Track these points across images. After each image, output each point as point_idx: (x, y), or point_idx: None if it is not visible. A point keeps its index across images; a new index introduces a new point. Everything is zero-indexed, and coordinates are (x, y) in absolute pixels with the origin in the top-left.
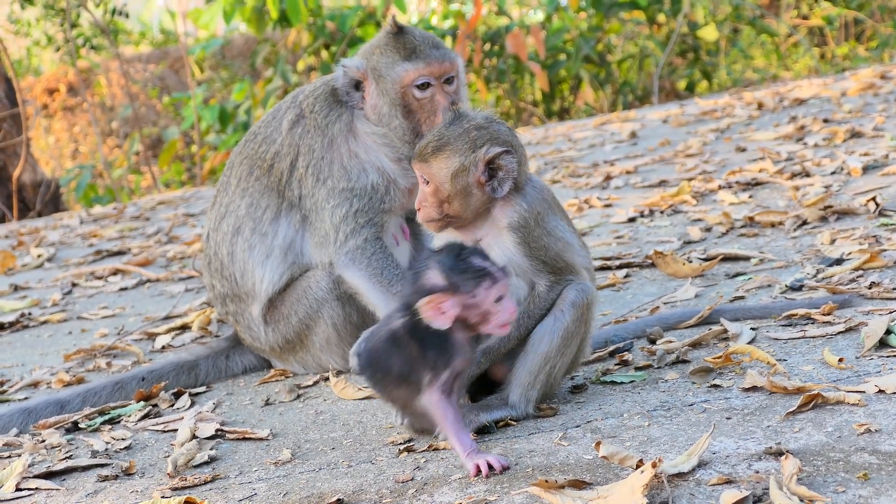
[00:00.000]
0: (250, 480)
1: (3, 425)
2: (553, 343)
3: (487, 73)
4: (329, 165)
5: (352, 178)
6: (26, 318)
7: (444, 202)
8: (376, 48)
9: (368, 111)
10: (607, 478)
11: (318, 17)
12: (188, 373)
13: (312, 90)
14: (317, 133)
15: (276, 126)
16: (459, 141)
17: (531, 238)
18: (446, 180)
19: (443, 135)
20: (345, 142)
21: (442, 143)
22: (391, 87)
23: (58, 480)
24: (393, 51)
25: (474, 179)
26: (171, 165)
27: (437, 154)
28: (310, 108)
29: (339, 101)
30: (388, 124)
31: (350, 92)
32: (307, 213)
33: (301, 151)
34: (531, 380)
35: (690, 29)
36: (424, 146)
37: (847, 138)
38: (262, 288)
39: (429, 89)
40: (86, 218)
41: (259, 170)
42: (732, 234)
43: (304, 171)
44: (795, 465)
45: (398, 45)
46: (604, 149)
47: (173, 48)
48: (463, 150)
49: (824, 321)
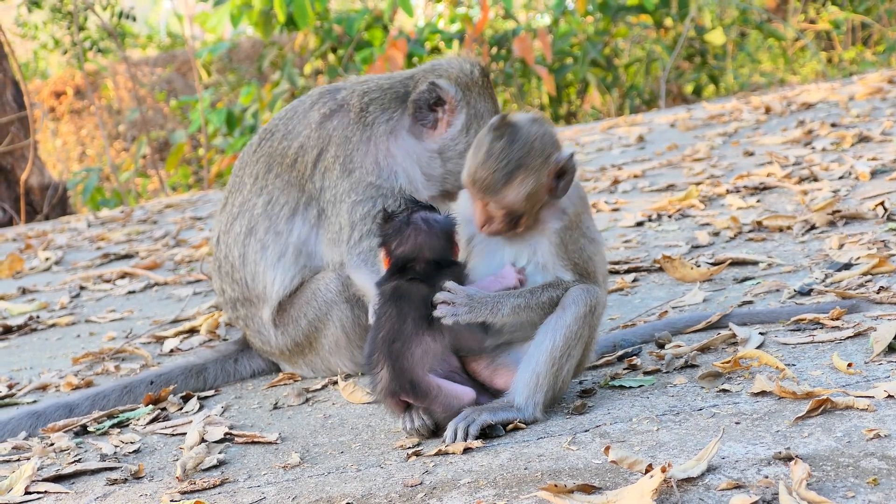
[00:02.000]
0: (259, 484)
1: (12, 429)
2: (556, 342)
3: (494, 77)
4: (363, 157)
5: (382, 176)
6: (34, 322)
7: (515, 218)
8: (483, 110)
9: (437, 134)
10: (616, 482)
11: (325, 20)
12: (197, 376)
13: (364, 90)
14: (358, 126)
15: (301, 120)
16: (529, 159)
17: (570, 240)
18: (521, 202)
19: (509, 157)
20: (386, 140)
21: (511, 167)
22: (454, 151)
23: (67, 484)
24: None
25: (545, 189)
26: (178, 169)
27: (509, 182)
28: (357, 103)
29: (399, 107)
30: (450, 159)
31: (428, 104)
32: (325, 207)
33: (333, 142)
34: (537, 381)
35: (698, 33)
36: (489, 176)
37: (855, 143)
38: (274, 291)
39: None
40: (93, 221)
41: (279, 166)
42: (740, 239)
43: (332, 162)
44: (805, 470)
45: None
46: (611, 153)
47: (180, 51)
48: (536, 167)
49: (833, 326)
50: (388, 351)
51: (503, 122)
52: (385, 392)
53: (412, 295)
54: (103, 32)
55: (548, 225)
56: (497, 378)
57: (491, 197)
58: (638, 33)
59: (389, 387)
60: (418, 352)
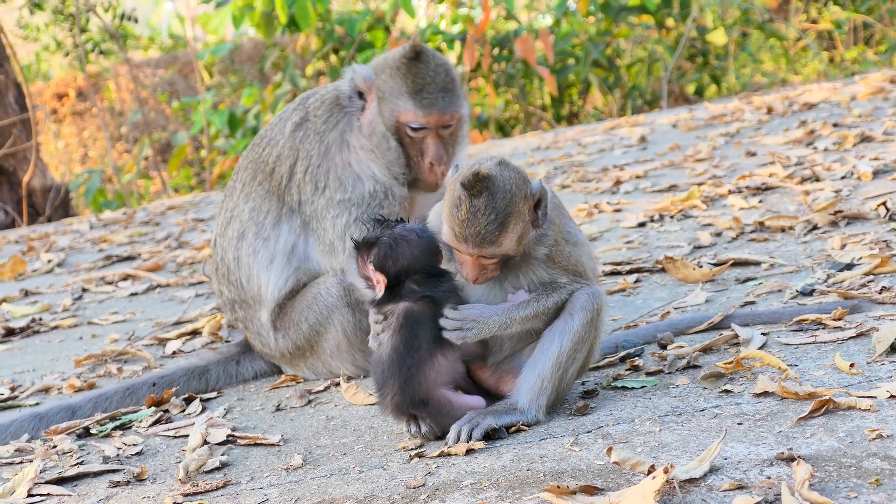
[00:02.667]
0: (262, 486)
1: (15, 431)
2: (564, 347)
3: (496, 78)
4: (325, 174)
5: (347, 189)
6: (37, 324)
7: (506, 261)
8: (388, 67)
9: (364, 124)
10: (619, 483)
11: (326, 21)
12: (199, 378)
13: (321, 94)
14: (315, 138)
15: (280, 129)
16: (513, 205)
17: (558, 254)
18: (513, 246)
19: (496, 209)
20: (338, 151)
21: (501, 218)
22: (388, 115)
23: (69, 486)
24: (402, 78)
25: (529, 225)
26: (180, 170)
27: (502, 232)
28: (314, 111)
29: (340, 107)
30: (379, 145)
31: (353, 98)
32: (307, 220)
33: (300, 156)
34: (541, 384)
35: (699, 33)
36: (482, 231)
37: (857, 142)
38: (269, 292)
39: (423, 131)
40: (95, 223)
41: (262, 174)
42: (742, 239)
43: (303, 177)
44: (807, 471)
45: (409, 74)
46: (613, 153)
47: (182, 53)
48: (520, 210)
49: (835, 326)
50: (398, 372)
51: (476, 177)
52: (395, 409)
53: (423, 317)
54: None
55: (534, 252)
56: (503, 384)
57: (486, 250)
58: (640, 34)
59: (400, 406)
60: (432, 373)
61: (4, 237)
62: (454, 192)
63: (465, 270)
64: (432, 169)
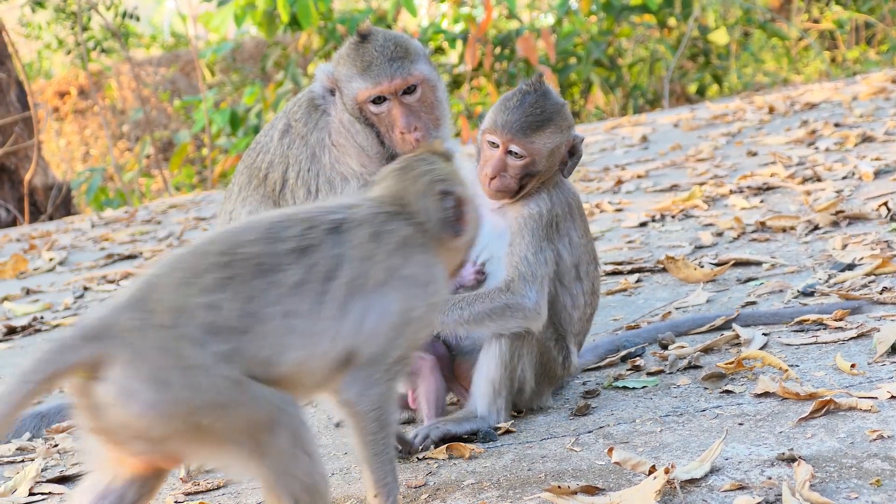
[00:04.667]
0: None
1: (16, 430)
2: (503, 347)
3: (498, 77)
4: (315, 178)
5: (337, 191)
6: (38, 322)
7: (530, 176)
8: (341, 57)
9: (335, 119)
10: (620, 483)
11: (328, 20)
12: None
13: (298, 98)
14: (300, 143)
15: (270, 136)
16: (559, 118)
17: (538, 232)
18: (544, 156)
19: (543, 108)
20: (322, 152)
21: (544, 118)
22: (349, 102)
23: (71, 485)
24: (351, 63)
25: (560, 158)
26: (181, 169)
27: (541, 129)
28: (293, 116)
29: (315, 108)
30: (350, 134)
31: (325, 96)
32: None
33: (290, 162)
34: (493, 388)
35: (701, 32)
36: (523, 119)
37: (858, 143)
38: None
39: (384, 103)
40: (97, 221)
41: (256, 179)
42: (744, 239)
43: (295, 182)
44: (808, 471)
45: (357, 56)
46: (615, 153)
47: (184, 51)
48: (563, 127)
49: (836, 327)
50: None
51: (538, 80)
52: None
53: None
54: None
55: (526, 209)
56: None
57: (520, 139)
58: (641, 33)
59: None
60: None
61: (6, 235)
62: (508, 93)
63: (487, 168)
64: (404, 137)
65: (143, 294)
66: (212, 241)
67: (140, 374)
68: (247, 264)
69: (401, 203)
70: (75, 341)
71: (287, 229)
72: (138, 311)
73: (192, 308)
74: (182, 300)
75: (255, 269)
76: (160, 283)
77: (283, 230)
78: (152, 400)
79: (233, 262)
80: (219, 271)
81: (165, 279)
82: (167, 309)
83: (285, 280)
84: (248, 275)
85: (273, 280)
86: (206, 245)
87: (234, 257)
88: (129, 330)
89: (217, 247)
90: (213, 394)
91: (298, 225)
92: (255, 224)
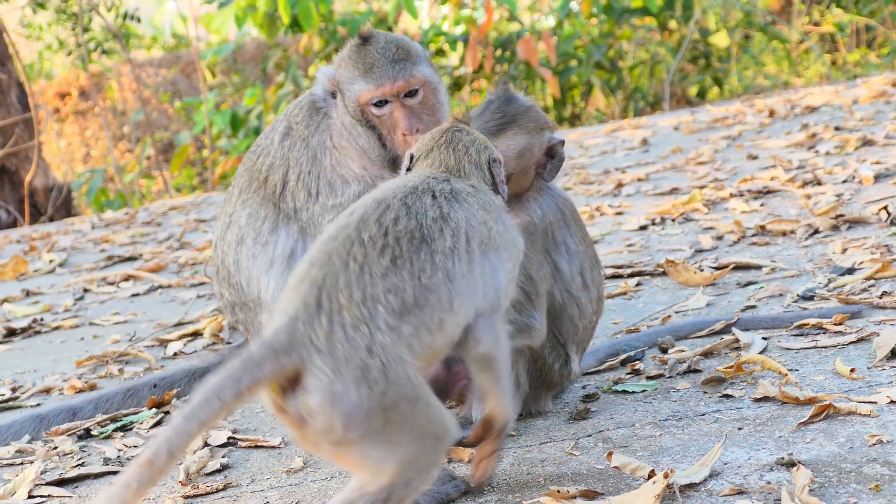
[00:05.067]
0: (262, 489)
1: (16, 432)
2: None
3: (498, 79)
4: (316, 180)
5: (338, 194)
6: (38, 324)
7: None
8: (342, 60)
9: (337, 121)
10: (619, 488)
11: (329, 22)
12: (200, 380)
13: (299, 101)
14: (302, 146)
15: (271, 139)
16: (524, 119)
17: (535, 245)
18: (512, 158)
19: (504, 111)
20: (324, 155)
21: (506, 120)
22: (351, 104)
23: (70, 488)
24: (353, 65)
25: (534, 161)
26: (182, 170)
27: (502, 132)
28: (294, 119)
29: (317, 110)
30: (352, 136)
31: (327, 98)
32: (304, 226)
33: (291, 165)
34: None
35: (702, 35)
36: (482, 126)
37: (859, 146)
38: (269, 296)
39: (386, 106)
40: (97, 223)
41: (256, 181)
42: (744, 243)
43: (296, 185)
44: (807, 476)
45: (358, 58)
46: (615, 156)
47: (185, 53)
48: (530, 128)
49: (836, 331)
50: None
51: (503, 87)
52: None
53: None
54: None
55: (521, 216)
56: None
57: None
58: (642, 36)
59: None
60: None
61: (6, 237)
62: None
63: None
64: (406, 139)
65: (317, 296)
66: (357, 229)
67: (344, 378)
68: (405, 241)
69: (459, 174)
70: (266, 356)
71: (419, 200)
72: (322, 314)
73: (377, 296)
74: (364, 291)
75: (414, 243)
76: (331, 281)
77: (417, 202)
78: (358, 401)
79: (391, 243)
80: (385, 254)
81: (336, 275)
82: (354, 304)
83: (440, 247)
84: (411, 250)
85: (431, 249)
86: (353, 233)
87: (390, 237)
88: (320, 335)
89: (368, 232)
90: (407, 386)
91: (426, 195)
92: (383, 202)
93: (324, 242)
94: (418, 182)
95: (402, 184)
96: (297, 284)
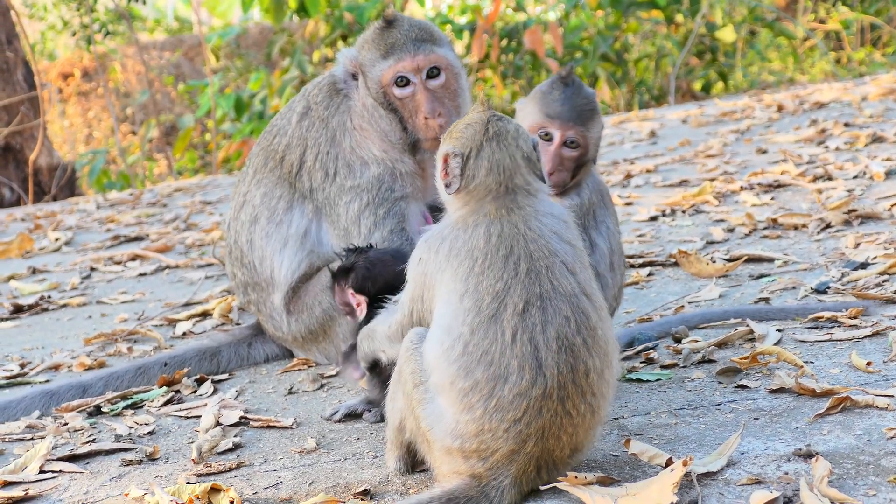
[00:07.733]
0: (275, 468)
1: (26, 407)
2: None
3: (504, 69)
4: (335, 160)
5: (356, 175)
6: (45, 301)
7: (580, 166)
8: (365, 41)
9: (358, 103)
10: (635, 475)
11: (335, 7)
12: (210, 359)
13: (318, 82)
14: (321, 126)
15: (288, 119)
16: (597, 105)
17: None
18: (595, 143)
19: (587, 96)
20: (343, 136)
21: (593, 106)
22: (373, 86)
23: (81, 464)
24: (375, 47)
25: (596, 145)
26: (185, 153)
27: (593, 116)
28: (314, 99)
29: (337, 91)
30: (373, 119)
31: (347, 80)
32: (320, 206)
33: (308, 144)
34: None
35: (708, 30)
36: (579, 106)
37: (869, 143)
38: (282, 275)
39: (409, 86)
40: (102, 203)
41: (272, 161)
42: (755, 236)
43: (313, 165)
44: (826, 468)
45: (381, 40)
46: (623, 147)
47: (188, 36)
48: (599, 115)
49: (851, 324)
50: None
51: (569, 73)
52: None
53: None
54: (112, 15)
55: (572, 197)
56: None
57: (579, 127)
58: (649, 29)
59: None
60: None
61: (10, 215)
62: (543, 86)
63: (547, 162)
64: (427, 123)
65: (537, 304)
66: (528, 239)
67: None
68: (559, 248)
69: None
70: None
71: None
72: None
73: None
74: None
75: (567, 246)
76: (550, 287)
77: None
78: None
79: (554, 249)
80: (553, 257)
81: (551, 281)
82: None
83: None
84: (568, 251)
85: (580, 247)
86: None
87: (550, 245)
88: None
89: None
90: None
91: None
92: (530, 225)
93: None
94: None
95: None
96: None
